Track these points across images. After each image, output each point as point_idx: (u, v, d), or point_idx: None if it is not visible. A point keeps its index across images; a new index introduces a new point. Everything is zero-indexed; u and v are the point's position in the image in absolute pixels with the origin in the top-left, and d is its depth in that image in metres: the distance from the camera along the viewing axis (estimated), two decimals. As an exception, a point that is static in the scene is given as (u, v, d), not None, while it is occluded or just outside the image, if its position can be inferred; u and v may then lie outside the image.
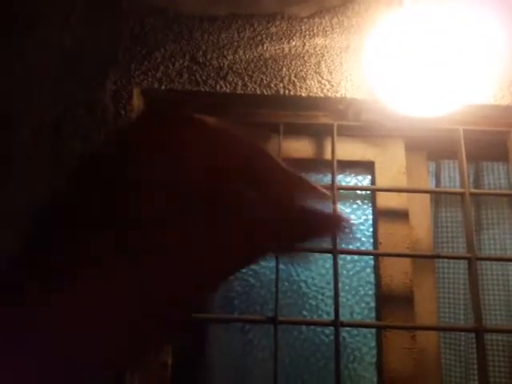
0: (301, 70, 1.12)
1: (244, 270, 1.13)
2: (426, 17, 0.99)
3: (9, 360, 0.20)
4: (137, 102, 1.09)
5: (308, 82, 1.11)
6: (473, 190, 1.13)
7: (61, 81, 1.09)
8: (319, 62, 1.13)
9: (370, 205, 1.18)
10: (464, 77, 0.99)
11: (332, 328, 0.99)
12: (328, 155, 1.14)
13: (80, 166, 0.24)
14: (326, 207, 0.25)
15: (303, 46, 1.14)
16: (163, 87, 1.09)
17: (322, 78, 1.12)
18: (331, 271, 1.00)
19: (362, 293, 1.12)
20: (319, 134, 1.17)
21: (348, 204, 1.18)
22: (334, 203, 1.03)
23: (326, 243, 1.09)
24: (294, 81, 1.11)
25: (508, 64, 1.10)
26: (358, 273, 1.13)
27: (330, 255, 1.03)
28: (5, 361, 0.20)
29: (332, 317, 0.97)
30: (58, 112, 1.06)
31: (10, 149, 1.03)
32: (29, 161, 1.03)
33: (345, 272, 1.12)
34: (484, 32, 0.99)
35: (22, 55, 1.11)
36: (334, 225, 0.26)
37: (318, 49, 1.14)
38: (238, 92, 1.10)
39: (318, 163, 1.18)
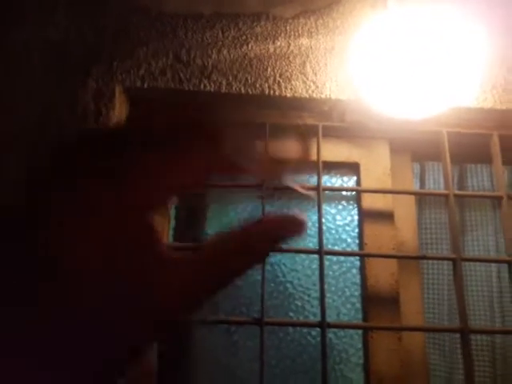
0: (286, 71, 1.12)
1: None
2: (410, 19, 1.00)
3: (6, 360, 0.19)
4: (119, 100, 1.07)
5: (293, 82, 1.11)
6: (457, 192, 1.14)
7: (43, 77, 1.07)
8: (304, 62, 1.13)
9: (355, 206, 1.17)
10: (448, 79, 0.99)
11: (318, 329, 0.98)
12: (313, 156, 1.13)
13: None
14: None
15: (288, 47, 1.14)
16: (146, 85, 1.07)
17: (307, 78, 1.11)
18: (317, 272, 0.99)
19: (348, 294, 1.11)
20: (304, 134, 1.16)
21: (333, 205, 1.17)
22: (319, 205, 1.03)
23: (312, 244, 1.08)
24: (279, 81, 1.10)
25: (490, 66, 1.11)
26: (343, 274, 1.12)
27: (315, 256, 1.02)
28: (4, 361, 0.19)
29: (318, 318, 0.96)
30: (40, 111, 1.03)
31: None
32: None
33: (331, 273, 1.11)
34: (467, 35, 1.00)
35: (3, 51, 1.08)
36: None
37: (302, 49, 1.14)
38: (222, 91, 1.09)
39: (304, 164, 1.17)
